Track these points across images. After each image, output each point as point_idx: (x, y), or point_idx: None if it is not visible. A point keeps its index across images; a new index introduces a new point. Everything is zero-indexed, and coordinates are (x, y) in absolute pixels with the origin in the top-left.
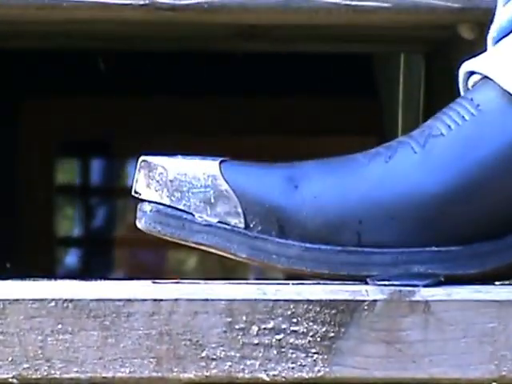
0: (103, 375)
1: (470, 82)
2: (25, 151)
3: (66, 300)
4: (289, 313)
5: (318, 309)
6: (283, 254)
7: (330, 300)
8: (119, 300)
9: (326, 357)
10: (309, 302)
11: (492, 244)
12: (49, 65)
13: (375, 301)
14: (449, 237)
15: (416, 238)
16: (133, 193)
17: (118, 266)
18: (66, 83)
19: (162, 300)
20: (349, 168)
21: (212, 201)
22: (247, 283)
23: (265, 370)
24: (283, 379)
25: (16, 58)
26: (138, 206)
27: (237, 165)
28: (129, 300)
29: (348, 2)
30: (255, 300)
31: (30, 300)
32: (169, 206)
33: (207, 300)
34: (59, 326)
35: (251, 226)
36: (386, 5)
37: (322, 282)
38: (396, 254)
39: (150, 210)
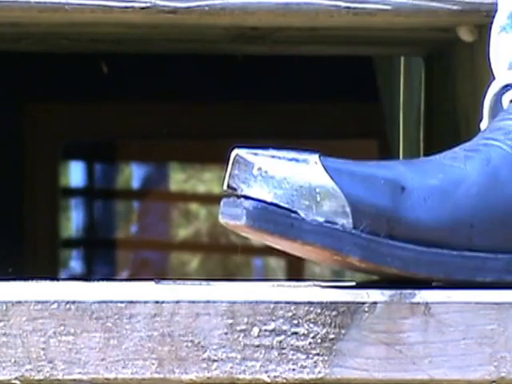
0: (105, 376)
1: (506, 98)
2: (29, 154)
3: (68, 302)
4: (290, 314)
5: (319, 310)
6: (398, 257)
7: (331, 302)
8: (121, 302)
9: (326, 358)
10: (310, 303)
11: None
12: (53, 67)
13: (376, 303)
14: None
15: None
16: (225, 187)
17: (120, 267)
18: (70, 86)
19: (163, 302)
20: (447, 171)
21: (318, 199)
22: (248, 285)
23: (266, 372)
24: (284, 380)
25: (20, 60)
26: (227, 203)
27: (336, 161)
28: (131, 302)
29: (348, 5)
30: (256, 302)
31: (32, 302)
32: (272, 204)
33: (209, 302)
34: (62, 328)
35: (360, 226)
36: (386, 7)
37: (324, 284)
38: (509, 259)
39: (254, 207)
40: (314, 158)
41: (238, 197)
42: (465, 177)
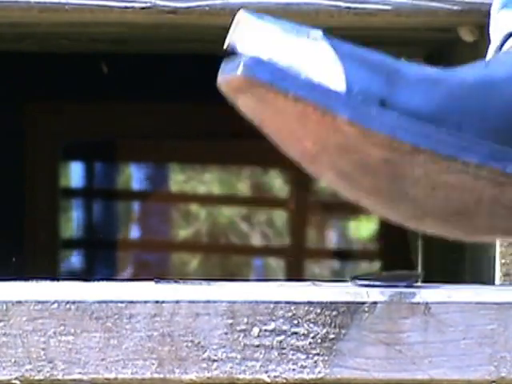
0: (105, 376)
1: (507, 45)
2: (29, 154)
3: (68, 302)
4: (290, 314)
5: (319, 310)
6: (386, 123)
7: (331, 302)
8: (121, 302)
9: (326, 358)
10: (309, 303)
11: None
12: (53, 67)
13: (375, 303)
14: None
15: (507, 137)
16: (225, 46)
17: (120, 267)
18: (70, 86)
19: (163, 302)
20: (447, 70)
21: (316, 66)
22: (248, 285)
23: (266, 372)
24: (284, 380)
25: (20, 60)
26: (227, 61)
27: (337, 40)
28: (131, 302)
29: (349, 5)
30: (256, 302)
31: (32, 302)
32: (270, 61)
33: (209, 302)
34: (62, 328)
35: (353, 92)
36: (386, 7)
37: (324, 284)
38: (493, 146)
39: (251, 59)
40: (317, 32)
41: (237, 55)
42: (460, 72)
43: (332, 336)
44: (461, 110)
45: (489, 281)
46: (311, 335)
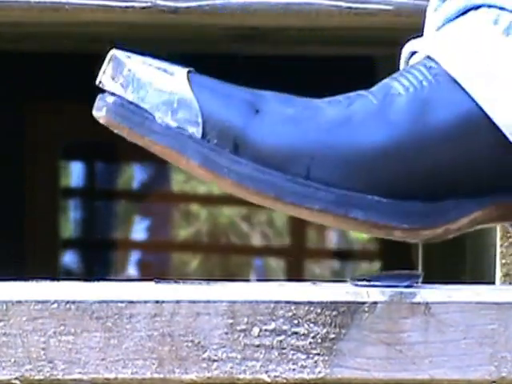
0: (105, 376)
1: (412, 61)
2: (29, 154)
3: (68, 301)
4: (290, 314)
5: (319, 310)
6: (234, 170)
7: (331, 302)
8: (121, 301)
9: (326, 358)
10: (310, 303)
11: (424, 206)
12: (53, 67)
13: (376, 303)
14: (388, 189)
15: (360, 184)
16: (97, 83)
17: (120, 267)
18: (70, 86)
19: (164, 301)
20: (309, 106)
21: (175, 106)
22: (249, 285)
23: (266, 371)
24: (284, 380)
25: (20, 60)
26: (99, 97)
27: (204, 78)
28: (131, 301)
29: (350, 5)
30: (256, 302)
31: (32, 301)
32: (132, 103)
33: (209, 301)
34: (62, 328)
35: (208, 137)
36: (387, 7)
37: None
38: (340, 195)
39: (114, 102)
40: (182, 71)
41: (106, 92)
42: (321, 113)
43: (332, 336)
44: (310, 155)
45: (489, 281)
46: (311, 335)
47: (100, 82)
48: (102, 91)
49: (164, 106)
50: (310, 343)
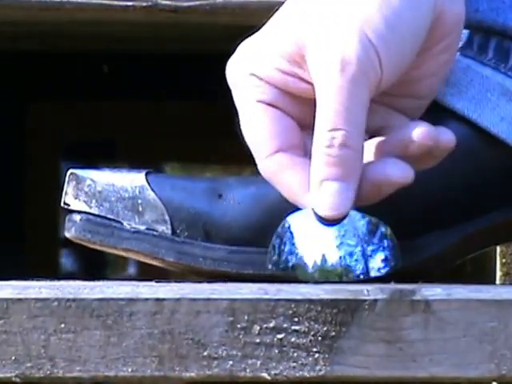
0: (106, 374)
1: None
2: (30, 154)
3: (68, 299)
4: (290, 312)
5: (320, 308)
6: (209, 257)
7: (331, 300)
8: (122, 299)
9: (327, 356)
10: (310, 301)
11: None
12: (53, 67)
13: (376, 300)
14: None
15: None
16: (62, 204)
17: (121, 266)
18: (70, 86)
19: (164, 299)
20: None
21: (140, 209)
22: (249, 283)
23: (266, 369)
24: (285, 378)
25: (20, 60)
26: (68, 217)
27: (162, 176)
28: (131, 299)
29: None
30: (257, 300)
31: (33, 299)
32: (98, 216)
33: (209, 299)
34: (62, 326)
35: (178, 231)
36: None
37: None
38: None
39: (80, 220)
40: (141, 174)
41: (72, 211)
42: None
43: (332, 334)
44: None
45: (489, 281)
46: (312, 333)
47: (64, 203)
48: (70, 211)
49: (129, 211)
50: (311, 341)
